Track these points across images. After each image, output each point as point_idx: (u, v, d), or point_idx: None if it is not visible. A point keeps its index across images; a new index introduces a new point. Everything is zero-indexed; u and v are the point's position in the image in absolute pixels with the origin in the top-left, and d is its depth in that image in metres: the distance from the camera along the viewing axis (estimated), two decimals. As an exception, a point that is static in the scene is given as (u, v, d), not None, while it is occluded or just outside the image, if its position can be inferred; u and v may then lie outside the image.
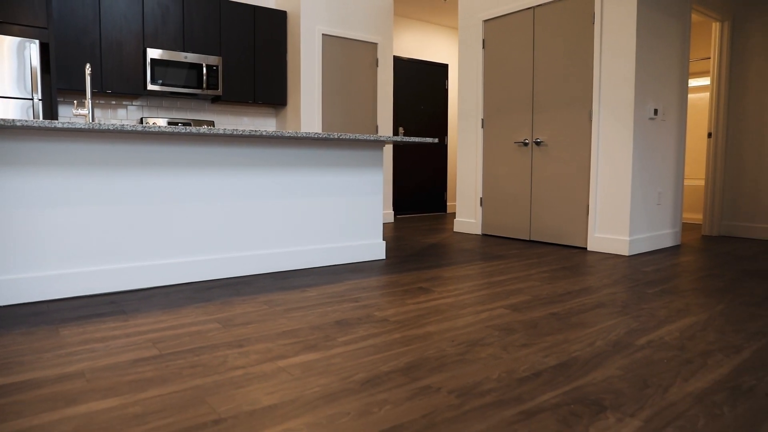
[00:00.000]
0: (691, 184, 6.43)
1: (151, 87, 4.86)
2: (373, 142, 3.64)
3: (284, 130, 5.71)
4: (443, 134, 7.56)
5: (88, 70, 2.94)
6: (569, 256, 3.93)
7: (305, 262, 3.42)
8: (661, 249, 4.32)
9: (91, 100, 3.03)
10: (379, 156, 3.74)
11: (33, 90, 4.07)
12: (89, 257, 2.66)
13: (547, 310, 2.47)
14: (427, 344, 1.97)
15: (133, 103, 5.13)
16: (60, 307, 2.42)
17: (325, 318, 2.30)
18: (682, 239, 4.89)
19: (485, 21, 5.03)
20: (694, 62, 6.66)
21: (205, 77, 5.14)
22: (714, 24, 5.02)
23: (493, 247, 4.40)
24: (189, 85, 5.06)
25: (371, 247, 3.73)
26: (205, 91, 5.16)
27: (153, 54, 4.85)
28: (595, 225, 4.20)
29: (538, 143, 4.61)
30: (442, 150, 7.58)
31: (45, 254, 2.54)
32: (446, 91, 7.55)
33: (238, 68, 5.42)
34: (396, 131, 6.91)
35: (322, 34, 5.65)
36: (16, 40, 3.97)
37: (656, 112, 4.12)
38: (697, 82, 6.66)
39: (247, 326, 2.16)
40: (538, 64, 4.57)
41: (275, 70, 5.67)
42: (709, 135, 5.12)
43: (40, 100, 4.08)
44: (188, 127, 2.61)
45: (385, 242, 4.09)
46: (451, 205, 7.86)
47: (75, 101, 3.18)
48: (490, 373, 1.70)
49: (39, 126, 2.25)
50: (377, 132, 6.17)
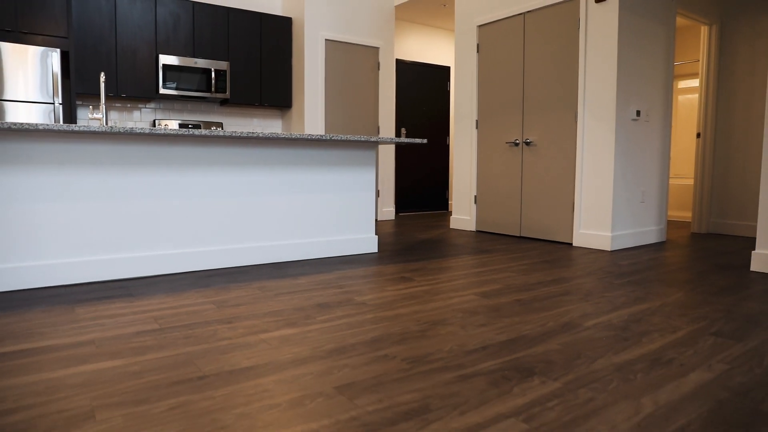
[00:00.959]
0: (683, 183, 6.56)
1: (163, 91, 5.17)
2: (364, 143, 3.89)
3: (286, 132, 6.00)
4: (445, 135, 7.78)
5: (103, 78, 3.24)
6: (553, 251, 4.14)
7: (301, 254, 3.69)
8: (645, 245, 4.50)
9: (105, 105, 3.33)
10: (371, 156, 3.99)
11: (54, 95, 4.40)
12: (103, 247, 2.95)
13: (514, 297, 2.70)
14: (394, 323, 2.21)
15: (147, 106, 5.45)
16: (76, 291, 2.72)
17: (309, 301, 2.56)
18: (670, 236, 5.06)
19: (480, 26, 5.25)
20: (685, 64, 6.79)
21: (213, 81, 5.44)
22: (702, 27, 5.18)
23: (483, 242, 4.63)
24: (199, 89, 5.37)
25: (364, 241, 3.99)
26: (214, 95, 5.46)
27: (165, 60, 5.16)
28: (579, 221, 4.40)
29: (528, 143, 4.82)
30: (444, 150, 7.80)
31: (63, 244, 2.84)
32: (448, 92, 7.77)
33: (245, 72, 5.72)
34: (398, 132, 7.16)
35: (325, 39, 5.92)
36: (40, 50, 4.30)
37: (639, 113, 4.31)
38: (689, 84, 6.79)
39: (239, 307, 2.43)
40: (528, 68, 4.78)
41: (280, 73, 5.96)
42: (698, 135, 5.27)
43: (60, 104, 4.40)
44: (190, 129, 2.88)
45: (377, 236, 4.34)
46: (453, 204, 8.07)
47: (91, 106, 3.49)
48: (444, 346, 1.94)
49: (58, 129, 2.54)
50: (378, 133, 6.42)
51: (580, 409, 1.43)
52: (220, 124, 5.77)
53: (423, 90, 7.47)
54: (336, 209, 3.84)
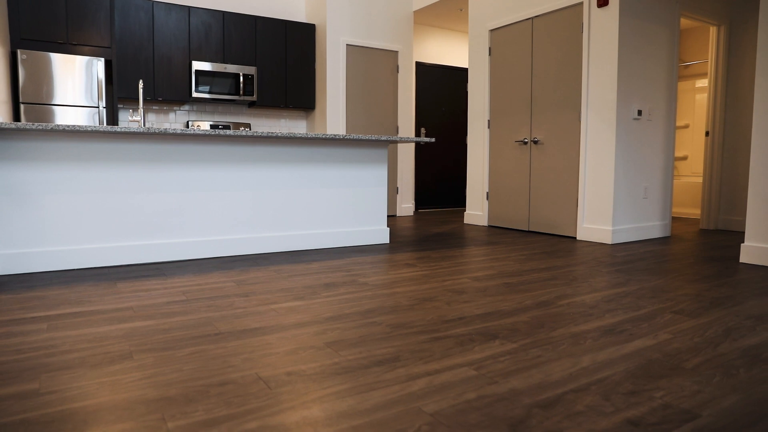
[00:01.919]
0: (694, 181, 6.64)
1: (196, 94, 5.60)
2: (376, 142, 4.21)
3: (310, 132, 6.37)
4: (464, 134, 8.02)
5: (141, 85, 3.65)
6: (556, 244, 4.37)
7: (317, 243, 4.03)
8: (648, 239, 4.67)
9: (143, 108, 3.74)
10: (383, 154, 4.30)
11: (99, 99, 4.87)
12: (140, 234, 3.36)
13: (504, 280, 2.97)
14: (388, 299, 2.52)
15: (181, 108, 5.90)
16: (117, 270, 3.12)
17: (318, 281, 2.89)
18: (677, 232, 5.20)
19: (491, 30, 5.50)
20: (701, 64, 6.85)
21: (242, 85, 5.85)
22: (711, 28, 5.30)
23: (491, 236, 4.88)
24: (229, 92, 5.78)
25: (376, 233, 4.30)
26: (243, 97, 5.87)
27: (198, 66, 5.59)
28: (583, 216, 4.61)
29: (535, 142, 5.04)
30: (463, 148, 8.05)
31: (106, 230, 3.25)
32: (466, 93, 8.00)
33: (272, 76, 6.11)
34: (418, 132, 7.45)
35: (347, 44, 6.26)
36: (85, 59, 4.77)
37: (640, 112, 4.49)
38: (702, 83, 6.86)
39: (255, 285, 2.78)
40: (536, 70, 5.01)
41: (304, 77, 6.33)
42: (707, 134, 5.39)
43: (104, 107, 4.87)
44: (219, 129, 3.26)
45: (389, 228, 4.64)
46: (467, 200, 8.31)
47: (131, 109, 3.91)
48: (426, 316, 2.24)
49: (104, 130, 2.95)
50: (398, 133, 6.73)
51: (526, 363, 1.71)
52: (248, 125, 6.18)
53: (443, 91, 7.74)
54: (350, 203, 4.17)
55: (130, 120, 3.62)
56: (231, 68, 5.77)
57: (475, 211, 5.82)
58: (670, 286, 2.87)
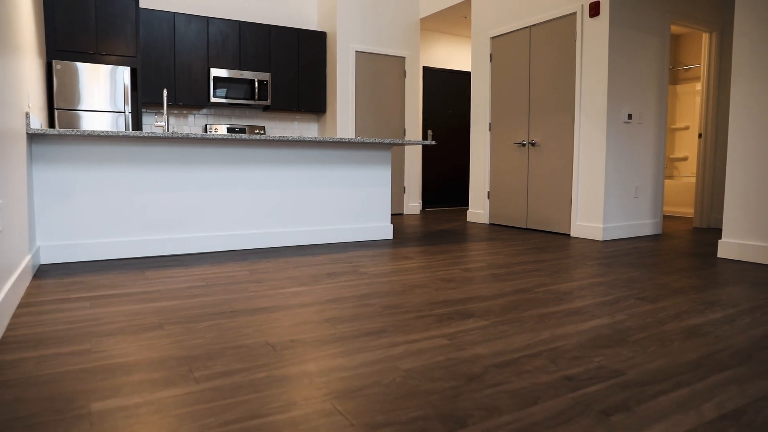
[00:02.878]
0: (692, 181, 6.85)
1: (213, 99, 5.97)
2: (380, 144, 4.52)
3: (321, 134, 6.70)
4: (468, 136, 8.29)
5: (165, 93, 4.01)
6: (550, 240, 4.64)
7: (324, 239, 4.36)
8: (639, 237, 4.92)
9: (167, 114, 4.10)
10: (387, 156, 4.61)
11: (124, 104, 5.25)
12: (163, 229, 3.72)
13: (491, 272, 3.27)
14: (384, 286, 2.84)
15: (200, 113, 6.28)
16: (143, 261, 3.48)
17: (322, 271, 3.21)
18: (669, 230, 5.43)
19: (492, 38, 5.78)
20: (698, 68, 7.05)
21: (257, 90, 6.20)
22: (704, 35, 5.52)
23: (491, 233, 5.17)
24: (245, 97, 6.15)
25: (380, 229, 4.62)
26: (258, 102, 6.23)
27: (215, 72, 5.96)
28: (576, 214, 4.88)
29: (533, 144, 5.32)
30: (468, 150, 8.32)
31: (133, 226, 3.61)
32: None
33: (285, 82, 6.46)
34: (425, 134, 7.75)
35: (356, 51, 6.59)
36: (109, 68, 5.16)
37: (630, 116, 4.74)
38: (698, 87, 7.05)
39: (266, 273, 3.12)
40: (533, 75, 5.28)
41: (316, 82, 6.67)
42: (700, 136, 5.61)
43: (129, 113, 5.26)
44: (236, 132, 3.60)
45: (392, 225, 4.95)
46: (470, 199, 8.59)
47: (155, 114, 4.28)
48: (414, 300, 2.55)
49: (134, 135, 3.30)
50: (405, 135, 7.04)
51: (493, 336, 2.01)
52: (263, 128, 6.54)
53: (449, 94, 8.03)
54: (355, 201, 4.49)
55: (155, 125, 3.99)
56: (247, 74, 6.13)
57: (478, 209, 6.11)
58: (643, 277, 3.14)
